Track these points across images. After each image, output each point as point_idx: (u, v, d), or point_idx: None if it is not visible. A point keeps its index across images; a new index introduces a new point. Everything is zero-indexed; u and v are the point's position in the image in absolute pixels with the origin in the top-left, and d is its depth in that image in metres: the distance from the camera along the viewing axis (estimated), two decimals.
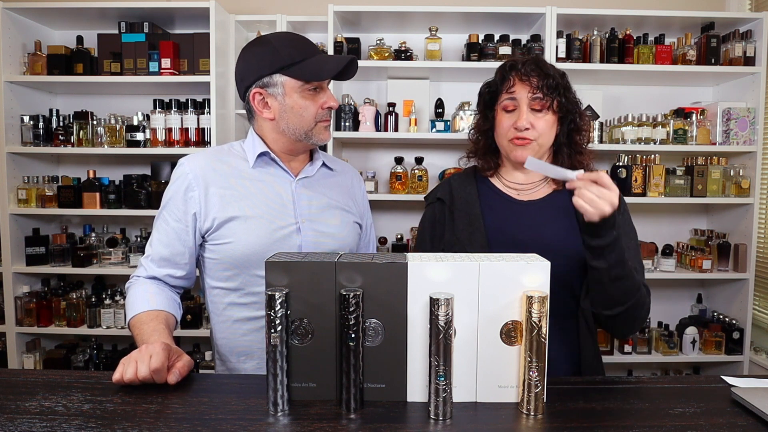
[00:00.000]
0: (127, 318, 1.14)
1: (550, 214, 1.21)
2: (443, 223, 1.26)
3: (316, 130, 1.20)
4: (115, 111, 2.68)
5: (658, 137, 2.53)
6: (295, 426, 0.77)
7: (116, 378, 0.90)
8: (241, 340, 1.22)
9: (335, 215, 1.27)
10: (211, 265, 1.22)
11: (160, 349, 0.92)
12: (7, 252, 2.54)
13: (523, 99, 1.17)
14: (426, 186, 2.64)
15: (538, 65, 1.18)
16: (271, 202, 1.21)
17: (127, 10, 2.51)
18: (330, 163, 1.35)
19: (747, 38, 2.52)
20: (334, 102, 1.20)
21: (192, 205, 1.18)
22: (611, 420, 0.80)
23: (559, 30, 2.49)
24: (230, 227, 1.17)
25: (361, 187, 1.42)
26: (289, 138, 1.21)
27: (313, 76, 1.15)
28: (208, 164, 1.21)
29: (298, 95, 1.16)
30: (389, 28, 2.72)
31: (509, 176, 1.26)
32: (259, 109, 1.19)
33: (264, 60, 1.15)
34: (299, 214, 1.22)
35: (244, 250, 1.16)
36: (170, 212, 1.20)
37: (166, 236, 1.20)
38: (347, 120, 2.56)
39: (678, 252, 2.73)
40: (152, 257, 1.21)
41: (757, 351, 2.65)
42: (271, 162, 1.24)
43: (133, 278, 1.22)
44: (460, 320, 0.83)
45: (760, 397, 0.83)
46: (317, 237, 1.22)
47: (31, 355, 2.63)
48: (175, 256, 1.20)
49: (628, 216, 1.22)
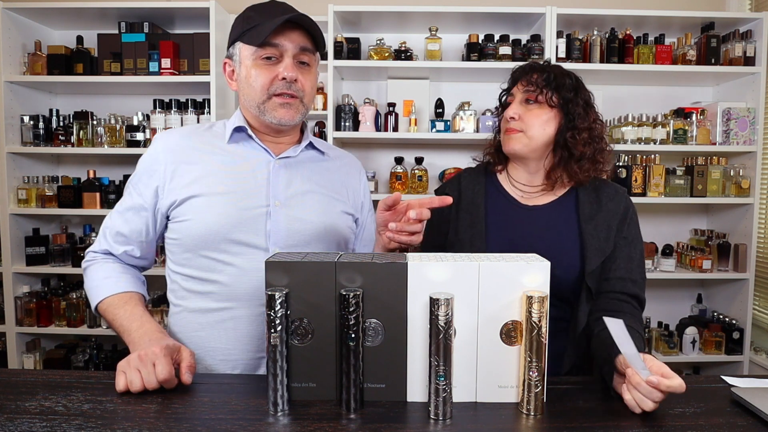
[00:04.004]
0: (94, 300, 1.08)
1: (550, 223, 1.20)
2: (448, 219, 1.26)
3: (269, 105, 1.08)
4: (115, 111, 2.68)
5: (658, 137, 2.53)
6: (295, 426, 0.77)
7: (121, 388, 0.87)
8: (195, 336, 1.11)
9: (316, 200, 1.15)
10: (171, 247, 1.13)
11: (161, 355, 0.89)
12: (7, 252, 2.54)
13: (517, 92, 1.21)
14: (426, 186, 2.64)
15: (541, 65, 1.21)
16: (242, 180, 1.10)
17: (127, 10, 2.51)
18: (322, 146, 1.23)
19: (747, 38, 2.52)
20: (290, 73, 1.06)
21: (155, 179, 1.10)
22: (611, 420, 0.80)
23: (559, 30, 2.49)
24: (191, 204, 1.07)
25: (361, 179, 1.29)
26: (248, 112, 1.13)
27: (254, 39, 1.05)
28: (182, 139, 1.13)
29: (250, 63, 1.07)
30: (389, 28, 2.72)
31: (515, 173, 1.27)
32: (229, 80, 1.15)
33: (234, 28, 1.11)
34: (273, 196, 1.10)
35: (202, 230, 1.06)
36: (135, 185, 1.13)
37: (127, 210, 1.12)
38: (347, 120, 2.56)
39: (678, 252, 2.73)
40: (110, 230, 1.14)
41: (757, 351, 2.65)
42: (248, 139, 1.14)
43: (89, 254, 1.15)
44: (460, 320, 0.83)
45: (760, 397, 0.83)
46: (290, 222, 1.10)
47: (31, 355, 2.63)
48: (132, 233, 1.12)
49: (636, 224, 1.20)
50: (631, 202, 1.21)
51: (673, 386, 0.77)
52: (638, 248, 1.17)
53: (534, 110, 1.18)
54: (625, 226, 1.17)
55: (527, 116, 1.18)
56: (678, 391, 0.78)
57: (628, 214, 1.18)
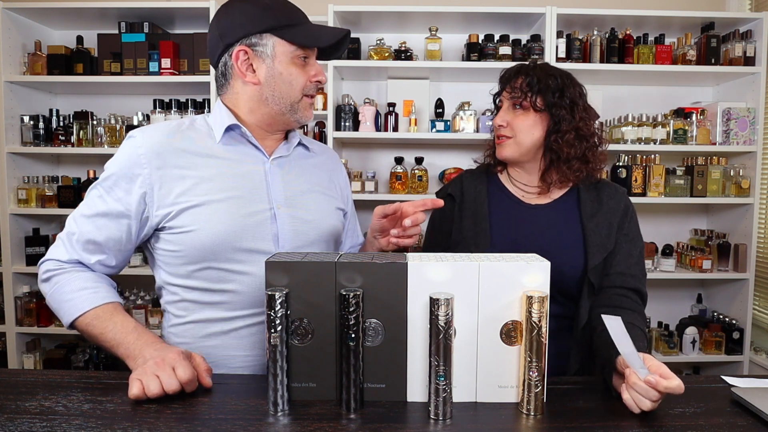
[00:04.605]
0: (71, 315, 0.97)
1: (553, 221, 1.21)
2: (451, 219, 1.27)
3: (302, 105, 1.08)
4: (115, 111, 2.68)
5: (658, 137, 2.53)
6: (295, 426, 0.77)
7: (135, 394, 0.82)
8: (205, 345, 1.06)
9: (315, 199, 1.14)
10: (168, 259, 1.05)
11: (182, 359, 0.86)
12: (7, 252, 2.54)
13: (505, 99, 1.23)
14: (426, 186, 2.64)
15: (525, 67, 1.22)
16: (240, 184, 1.05)
17: (127, 10, 2.51)
18: (307, 142, 1.21)
19: (747, 38, 2.52)
20: (324, 77, 1.09)
21: (138, 185, 1.01)
22: (611, 420, 0.80)
23: (559, 30, 2.49)
24: (192, 213, 1.01)
25: (342, 170, 1.29)
26: (271, 109, 1.07)
27: (309, 41, 1.04)
28: (166, 140, 1.04)
29: (289, 61, 1.04)
30: (389, 28, 2.72)
31: (514, 174, 1.28)
32: (241, 71, 1.04)
33: (254, 17, 1.02)
34: (274, 199, 1.07)
35: (207, 240, 1.00)
36: (109, 189, 1.02)
37: (100, 216, 1.02)
38: (347, 120, 2.56)
39: (678, 252, 2.73)
40: (78, 237, 1.02)
41: (757, 351, 2.65)
42: (240, 138, 1.09)
43: (50, 262, 1.03)
44: (460, 320, 0.83)
45: (760, 397, 0.83)
46: (296, 224, 1.08)
47: (31, 355, 2.63)
48: (109, 241, 1.02)
49: (636, 221, 1.22)
50: (629, 200, 1.24)
51: (671, 387, 0.76)
52: (638, 245, 1.19)
53: (520, 116, 1.20)
54: (625, 224, 1.19)
55: (514, 122, 1.20)
56: (676, 392, 0.77)
57: (628, 212, 1.21)
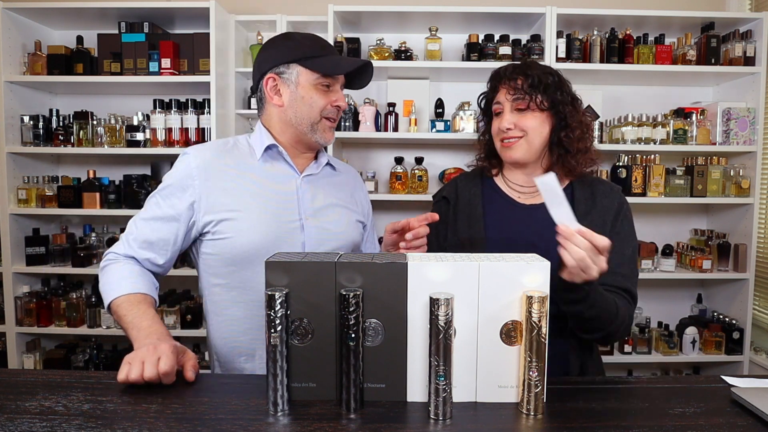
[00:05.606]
0: (109, 297, 1.11)
1: (547, 220, 1.20)
2: (446, 222, 1.27)
3: (321, 126, 1.22)
4: (115, 111, 2.68)
5: (658, 137, 2.53)
6: (295, 426, 0.77)
7: (121, 378, 0.89)
8: (242, 340, 1.21)
9: (338, 213, 1.28)
10: (210, 262, 1.21)
11: (169, 352, 0.92)
12: (7, 252, 2.54)
13: (506, 101, 1.21)
14: (426, 186, 2.64)
15: (521, 67, 1.21)
16: (275, 197, 1.21)
17: (127, 10, 2.51)
18: (333, 162, 1.37)
19: (747, 38, 2.52)
20: (344, 103, 1.24)
21: (189, 194, 1.17)
22: (611, 420, 0.80)
23: (559, 30, 2.49)
24: (231, 222, 1.16)
25: (363, 188, 1.45)
26: (295, 129, 1.22)
27: (328, 69, 1.19)
28: (215, 156, 1.21)
29: (311, 87, 1.19)
30: (389, 28, 2.72)
31: (511, 176, 1.28)
32: (270, 95, 1.21)
33: (284, 51, 1.19)
34: (303, 211, 1.22)
35: (245, 246, 1.15)
36: (165, 197, 1.18)
37: (155, 220, 1.17)
38: (347, 120, 2.56)
39: (678, 252, 2.73)
40: (135, 237, 1.18)
41: (757, 351, 2.65)
42: (277, 156, 1.25)
43: (110, 254, 1.19)
44: (460, 320, 0.83)
45: (760, 397, 0.83)
46: (321, 234, 1.22)
47: (31, 355, 2.63)
48: (160, 241, 1.17)
49: (630, 220, 1.21)
50: (624, 199, 1.23)
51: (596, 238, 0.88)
52: (630, 244, 1.18)
53: (527, 116, 1.19)
54: (618, 222, 1.19)
55: (523, 123, 1.18)
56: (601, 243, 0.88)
57: (621, 210, 1.20)
